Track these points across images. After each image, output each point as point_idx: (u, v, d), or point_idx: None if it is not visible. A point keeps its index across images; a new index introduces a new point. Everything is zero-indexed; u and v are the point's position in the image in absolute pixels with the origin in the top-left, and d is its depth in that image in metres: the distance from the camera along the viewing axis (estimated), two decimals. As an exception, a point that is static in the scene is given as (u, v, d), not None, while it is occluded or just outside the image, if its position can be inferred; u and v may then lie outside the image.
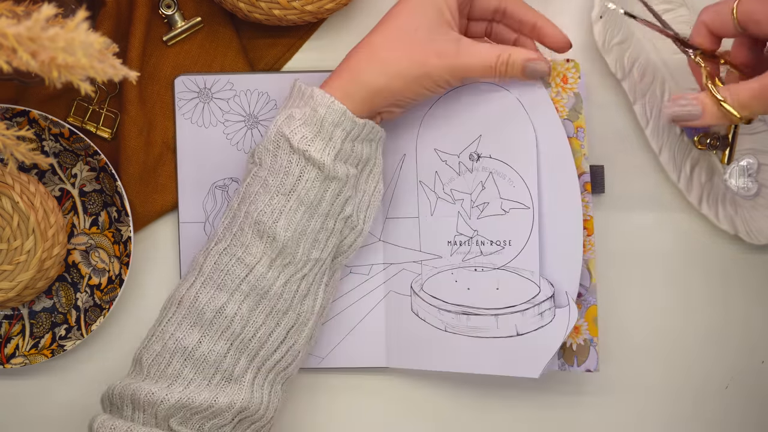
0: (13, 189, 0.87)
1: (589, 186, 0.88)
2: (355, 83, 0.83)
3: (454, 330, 0.89)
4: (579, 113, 0.88)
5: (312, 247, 0.83)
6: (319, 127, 0.82)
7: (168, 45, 0.93)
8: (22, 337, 0.92)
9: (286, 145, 0.82)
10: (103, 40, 0.67)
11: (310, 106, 0.83)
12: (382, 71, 0.83)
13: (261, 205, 0.82)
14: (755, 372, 0.94)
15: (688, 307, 0.94)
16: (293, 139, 0.82)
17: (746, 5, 0.80)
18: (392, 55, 0.83)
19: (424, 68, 0.83)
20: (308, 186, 0.82)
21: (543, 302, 0.87)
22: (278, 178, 0.82)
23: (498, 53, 0.84)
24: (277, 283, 0.82)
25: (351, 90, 0.83)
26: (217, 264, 0.82)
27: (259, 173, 0.83)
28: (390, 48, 0.83)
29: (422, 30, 0.83)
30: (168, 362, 0.81)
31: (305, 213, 0.82)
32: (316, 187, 0.82)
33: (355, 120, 0.83)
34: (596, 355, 0.89)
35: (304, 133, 0.82)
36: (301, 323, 0.84)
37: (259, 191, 0.83)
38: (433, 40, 0.83)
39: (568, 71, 0.88)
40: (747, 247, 0.94)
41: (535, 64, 0.85)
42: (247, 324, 0.82)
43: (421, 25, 0.83)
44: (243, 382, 0.82)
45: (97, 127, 0.92)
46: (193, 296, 0.82)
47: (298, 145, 0.82)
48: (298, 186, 0.82)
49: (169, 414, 0.79)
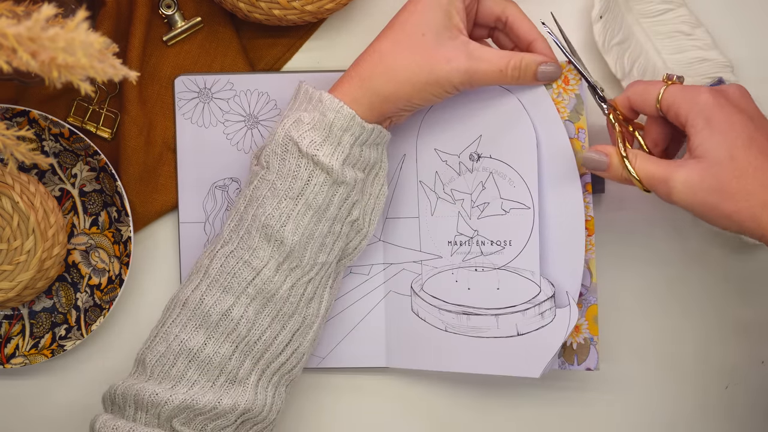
0: (13, 189, 0.87)
1: (590, 186, 0.88)
2: (364, 89, 0.83)
3: (455, 330, 0.89)
4: (580, 114, 0.88)
5: (319, 251, 0.83)
6: (328, 132, 0.82)
7: (168, 45, 0.93)
8: (22, 337, 0.92)
9: (294, 148, 0.82)
10: (103, 40, 0.67)
11: (319, 111, 0.82)
12: (391, 78, 0.83)
13: (269, 209, 0.82)
14: (755, 372, 0.94)
15: (688, 306, 0.94)
16: (302, 143, 0.81)
17: (671, 94, 0.80)
18: (401, 61, 0.83)
19: (433, 74, 0.83)
20: (316, 190, 0.82)
21: (544, 302, 0.87)
22: (286, 182, 0.82)
23: (509, 59, 0.84)
24: (284, 287, 0.82)
25: (359, 95, 0.83)
26: (224, 267, 0.82)
27: (267, 176, 0.83)
28: (398, 54, 0.83)
29: (430, 34, 0.83)
30: (172, 363, 0.81)
31: (313, 217, 0.82)
32: (324, 192, 0.82)
33: (363, 125, 0.83)
34: (596, 354, 0.89)
35: (313, 138, 0.82)
36: (307, 326, 0.84)
37: (266, 195, 0.82)
38: (442, 45, 0.83)
39: (570, 72, 0.88)
40: (747, 247, 0.94)
41: (547, 68, 0.85)
42: (252, 327, 0.82)
43: (429, 30, 0.83)
44: (247, 384, 0.82)
45: (97, 127, 0.92)
46: (199, 298, 0.82)
47: (307, 149, 0.81)
48: (306, 190, 0.82)
49: (172, 415, 0.79)
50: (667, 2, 0.93)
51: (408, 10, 0.84)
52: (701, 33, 0.93)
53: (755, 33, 0.94)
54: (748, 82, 0.93)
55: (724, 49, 0.93)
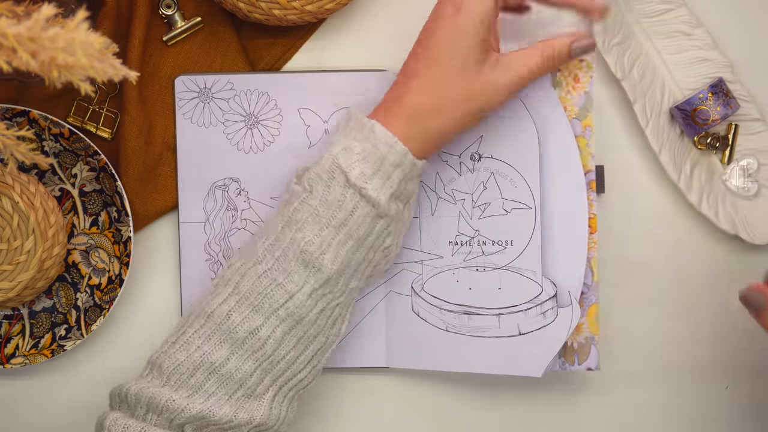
0: (13, 189, 0.87)
1: (593, 184, 0.88)
2: (414, 126, 0.82)
3: (456, 330, 0.89)
4: (588, 112, 0.88)
5: (352, 277, 0.83)
6: (379, 166, 0.81)
7: (168, 45, 0.93)
8: (22, 337, 0.92)
9: (341, 177, 0.81)
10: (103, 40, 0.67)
11: (371, 142, 0.81)
12: (438, 115, 0.82)
13: (309, 235, 0.81)
14: (755, 372, 0.94)
15: (688, 306, 0.94)
16: (351, 174, 0.80)
17: None
18: (441, 98, 0.82)
19: (476, 104, 0.82)
20: (360, 221, 0.81)
21: (545, 302, 0.87)
22: (330, 210, 0.81)
23: (540, 52, 0.84)
24: (314, 311, 0.82)
25: (411, 133, 0.82)
26: (255, 285, 0.81)
27: (309, 200, 0.82)
28: (438, 89, 0.82)
29: (465, 62, 0.82)
30: (191, 373, 0.81)
31: (353, 246, 0.81)
32: (367, 223, 0.81)
33: (414, 162, 0.82)
34: (597, 353, 0.89)
35: (363, 169, 0.81)
36: (328, 345, 0.84)
37: (307, 220, 0.81)
38: (473, 70, 0.82)
39: (581, 71, 0.88)
40: (747, 247, 0.94)
41: (580, 43, 0.84)
42: (278, 347, 0.81)
43: (461, 56, 0.81)
44: (264, 398, 0.82)
45: (97, 127, 0.92)
46: (226, 313, 0.81)
47: (356, 180, 0.80)
48: (350, 221, 0.81)
49: (185, 422, 0.79)
50: (667, 2, 0.93)
51: (435, 32, 0.82)
52: (701, 33, 0.93)
53: (755, 33, 0.94)
54: (748, 82, 0.93)
55: (724, 49, 0.93)
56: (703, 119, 0.91)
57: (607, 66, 0.92)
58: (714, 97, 0.91)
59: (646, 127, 0.92)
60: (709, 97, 0.91)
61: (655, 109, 0.92)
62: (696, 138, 0.93)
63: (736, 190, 0.93)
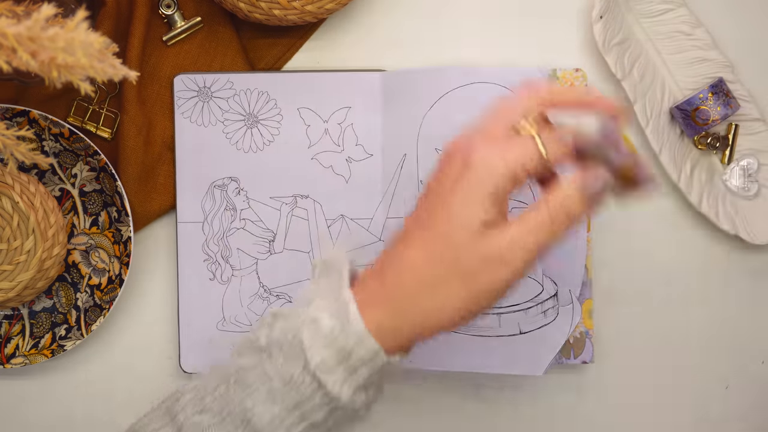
0: (13, 189, 0.87)
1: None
2: (399, 318, 0.69)
3: (456, 329, 0.89)
4: (583, 118, 0.88)
5: None
6: (345, 358, 0.68)
7: (168, 45, 0.93)
8: (22, 337, 0.92)
9: (301, 358, 0.69)
10: (103, 40, 0.67)
11: (341, 322, 0.68)
12: (432, 314, 0.69)
13: (259, 407, 0.69)
14: (755, 372, 0.94)
15: (688, 307, 0.94)
16: (311, 360, 0.68)
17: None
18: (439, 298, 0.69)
19: (475, 285, 0.69)
20: (316, 408, 0.69)
21: (546, 301, 0.87)
22: (285, 387, 0.69)
23: (545, 208, 0.68)
24: None
25: (394, 324, 0.69)
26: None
27: (265, 366, 0.70)
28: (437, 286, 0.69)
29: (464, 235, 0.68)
30: None
31: (306, 428, 0.70)
32: (324, 412, 0.69)
33: (387, 360, 0.69)
34: (591, 346, 0.89)
35: (324, 358, 0.68)
36: None
37: (259, 389, 0.70)
38: (476, 245, 0.68)
39: (576, 80, 0.88)
40: (747, 247, 0.94)
41: (588, 185, 0.68)
42: None
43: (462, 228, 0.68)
44: None
45: (97, 127, 0.92)
46: None
47: (315, 369, 0.68)
48: (305, 406, 0.69)
49: None
50: (667, 2, 0.93)
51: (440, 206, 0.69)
52: (701, 33, 0.93)
53: (755, 33, 0.94)
54: (748, 82, 0.93)
55: (724, 49, 0.93)
56: (703, 119, 0.91)
57: (607, 66, 0.92)
58: (714, 97, 0.91)
59: (646, 127, 0.92)
60: (709, 97, 0.91)
61: (655, 109, 0.92)
62: (696, 138, 0.93)
63: (736, 190, 0.93)
